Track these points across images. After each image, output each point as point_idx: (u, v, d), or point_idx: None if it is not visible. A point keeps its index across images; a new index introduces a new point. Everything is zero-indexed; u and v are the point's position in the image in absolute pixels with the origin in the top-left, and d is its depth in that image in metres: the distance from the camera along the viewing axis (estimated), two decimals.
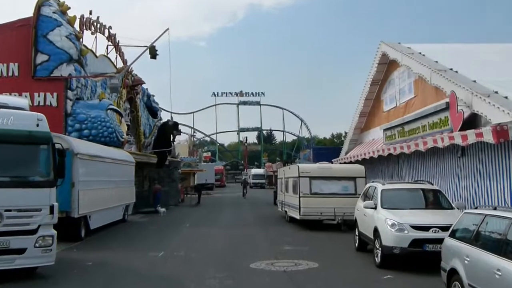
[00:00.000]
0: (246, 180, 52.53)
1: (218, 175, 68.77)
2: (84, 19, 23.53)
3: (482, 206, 10.04)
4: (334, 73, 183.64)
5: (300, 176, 18.49)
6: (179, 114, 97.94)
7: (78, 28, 22.38)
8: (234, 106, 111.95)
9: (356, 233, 13.29)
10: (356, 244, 13.26)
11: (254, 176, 73.94)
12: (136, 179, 23.93)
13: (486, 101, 13.04)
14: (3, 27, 20.50)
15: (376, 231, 11.01)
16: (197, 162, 52.10)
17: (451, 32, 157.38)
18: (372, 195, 12.48)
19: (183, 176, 42.04)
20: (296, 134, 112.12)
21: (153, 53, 21.04)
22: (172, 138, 33.14)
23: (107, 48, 27.86)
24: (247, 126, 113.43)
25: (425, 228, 10.14)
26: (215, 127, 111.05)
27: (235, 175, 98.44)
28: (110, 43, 27.89)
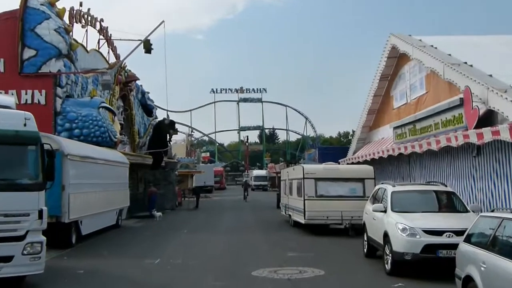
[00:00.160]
0: (247, 182, 52.58)
1: (217, 177, 68.87)
2: (74, 12, 23.53)
3: (499, 209, 10.01)
4: (341, 67, 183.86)
5: (305, 177, 18.49)
6: (175, 112, 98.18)
7: (67, 21, 22.37)
8: (234, 103, 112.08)
9: (365, 238, 13.29)
10: (365, 250, 13.25)
11: (255, 178, 74.02)
12: (130, 181, 23.93)
13: (503, 96, 13.02)
14: None
15: (386, 236, 11.00)
16: (195, 163, 52.08)
17: (465, 23, 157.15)
18: (382, 198, 12.47)
19: (180, 178, 42.02)
20: (300, 133, 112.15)
21: (147, 47, 21.04)
22: (168, 137, 33.14)
23: (98, 42, 27.88)
24: (248, 124, 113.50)
25: (438, 233, 10.12)
26: (214, 126, 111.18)
27: (235, 177, 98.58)
28: (101, 37, 27.89)
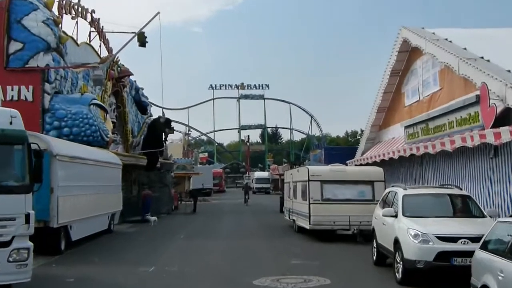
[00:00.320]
0: (248, 185, 52.61)
1: (216, 179, 68.92)
2: (63, 2, 23.56)
3: None
4: (349, 62, 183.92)
5: (310, 180, 18.47)
6: (171, 110, 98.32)
7: (56, 12, 22.40)
8: (235, 100, 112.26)
9: (374, 244, 13.26)
10: (374, 257, 13.23)
11: (257, 180, 74.03)
12: (123, 183, 23.92)
13: None
14: None
15: (396, 242, 10.99)
16: (192, 164, 52.13)
17: (481, 15, 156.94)
18: (392, 202, 12.46)
19: (176, 180, 42.02)
20: (305, 132, 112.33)
21: (142, 40, 21.05)
22: (164, 137, 33.13)
23: (89, 35, 27.92)
24: (249, 123, 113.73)
25: (452, 239, 10.10)
26: (212, 125, 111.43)
27: (235, 179, 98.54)
28: (93, 29, 27.92)
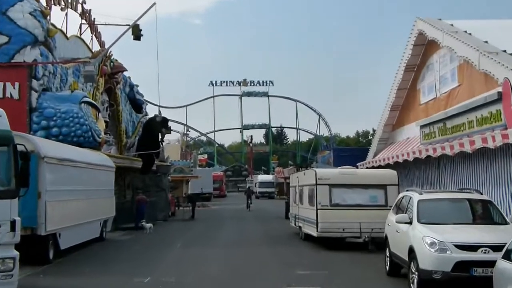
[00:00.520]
0: (250, 189, 52.64)
1: (217, 183, 68.99)
2: None
3: None
4: (359, 56, 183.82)
5: (318, 183, 18.45)
6: (169, 108, 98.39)
7: (44, 3, 22.45)
8: (236, 98, 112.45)
9: (387, 253, 13.24)
10: (387, 267, 13.21)
11: (261, 184, 74.03)
12: (116, 187, 23.94)
13: None
14: None
15: (411, 251, 10.96)
16: (191, 167, 52.20)
17: (503, 5, 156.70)
18: (407, 207, 12.43)
19: (173, 184, 42.06)
20: (312, 132, 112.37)
21: (136, 33, 21.09)
22: (160, 137, 33.19)
23: (80, 27, 27.97)
24: (252, 122, 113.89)
25: (472, 248, 10.08)
26: (213, 124, 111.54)
27: (237, 183, 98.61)
28: (84, 22, 27.96)
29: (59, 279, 12.78)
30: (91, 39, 28.56)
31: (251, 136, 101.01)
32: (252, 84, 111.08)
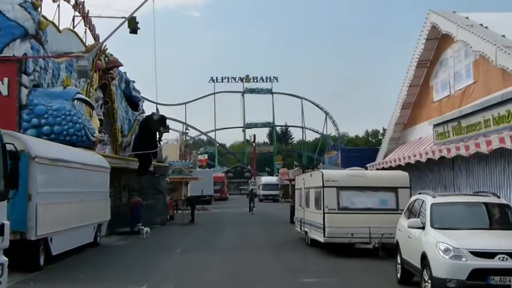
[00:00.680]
0: (253, 191, 52.71)
1: (218, 185, 69.09)
2: None
3: None
4: (369, 51, 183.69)
5: (325, 185, 18.45)
6: (167, 106, 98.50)
7: None
8: (239, 95, 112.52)
9: (398, 260, 13.24)
10: (398, 275, 13.20)
11: (264, 186, 74.09)
12: (111, 189, 23.96)
13: None
14: None
15: (424, 258, 10.96)
16: (190, 168, 52.22)
17: None
18: (419, 211, 12.43)
19: (172, 186, 42.11)
20: (319, 131, 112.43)
21: (133, 26, 21.07)
22: (158, 136, 33.21)
23: (73, 20, 28.01)
24: (255, 121, 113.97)
25: (489, 255, 10.09)
26: (213, 123, 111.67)
27: (240, 185, 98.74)
28: (77, 14, 28.00)
29: (50, 286, 12.79)
30: (85, 32, 28.63)
31: (254, 136, 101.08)
32: (255, 81, 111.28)
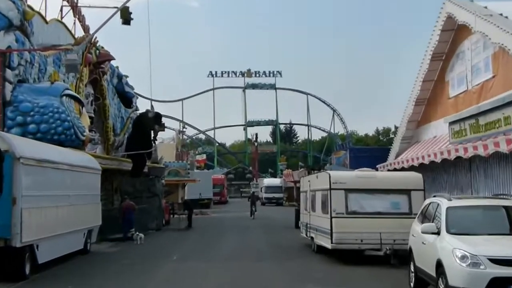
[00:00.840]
0: (255, 194, 52.72)
1: (217, 187, 69.17)
2: None
3: None
4: (379, 43, 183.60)
5: (332, 188, 18.44)
6: (162, 102, 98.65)
7: None
8: (240, 90, 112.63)
9: (412, 268, 13.26)
10: (412, 284, 13.22)
11: (267, 189, 74.11)
12: (103, 192, 23.95)
13: None
14: None
15: (439, 265, 10.96)
16: (187, 169, 52.23)
17: None
18: (434, 215, 12.43)
19: (168, 188, 42.12)
20: (326, 129, 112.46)
21: (126, 16, 21.06)
22: (152, 135, 33.23)
23: (61, 9, 27.99)
24: (257, 118, 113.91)
25: (509, 263, 10.08)
26: (212, 121, 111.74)
27: (241, 187, 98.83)
28: (65, 3, 27.98)
29: None
30: (74, 23, 28.59)
31: (256, 134, 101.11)
32: (257, 75, 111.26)
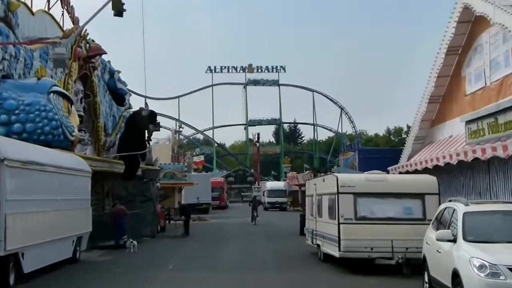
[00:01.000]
0: (256, 198, 52.60)
1: (216, 191, 69.18)
2: None
3: None
4: (390, 37, 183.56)
5: (340, 192, 18.43)
6: (157, 100, 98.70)
7: None
8: (240, 87, 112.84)
9: (426, 278, 13.29)
10: None
11: (270, 193, 74.09)
12: (93, 197, 23.95)
13: None
14: None
15: (456, 275, 10.96)
16: (184, 171, 52.26)
17: None
18: (450, 222, 12.44)
19: (163, 192, 42.13)
20: (333, 129, 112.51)
21: (118, 7, 21.01)
22: (147, 135, 33.21)
23: (48, 0, 27.96)
24: (259, 117, 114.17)
25: None
26: (211, 119, 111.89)
27: (242, 191, 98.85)
28: None
29: None
30: (62, 14, 28.61)
31: (258, 134, 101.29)
32: (259, 71, 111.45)
